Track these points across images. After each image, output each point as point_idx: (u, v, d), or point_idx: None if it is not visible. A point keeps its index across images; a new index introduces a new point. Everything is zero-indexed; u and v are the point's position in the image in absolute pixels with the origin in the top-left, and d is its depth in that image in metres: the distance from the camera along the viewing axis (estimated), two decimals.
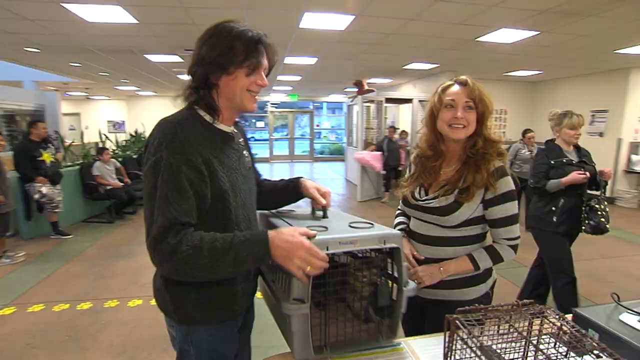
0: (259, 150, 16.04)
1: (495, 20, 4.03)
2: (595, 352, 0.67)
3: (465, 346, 0.69)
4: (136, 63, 6.58)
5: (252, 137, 26.98)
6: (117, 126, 13.35)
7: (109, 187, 5.33)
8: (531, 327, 0.76)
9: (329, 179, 10.27)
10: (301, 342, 0.93)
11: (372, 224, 1.03)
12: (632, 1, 3.31)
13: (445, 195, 1.21)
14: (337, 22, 4.16)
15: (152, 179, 0.85)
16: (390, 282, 1.06)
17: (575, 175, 2.35)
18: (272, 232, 0.87)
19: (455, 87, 1.20)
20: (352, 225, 1.01)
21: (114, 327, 2.67)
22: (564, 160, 2.45)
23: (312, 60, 6.54)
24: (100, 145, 6.45)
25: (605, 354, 0.66)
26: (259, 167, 1.26)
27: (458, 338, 0.71)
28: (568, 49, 5.24)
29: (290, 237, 0.84)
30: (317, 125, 15.89)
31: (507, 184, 1.18)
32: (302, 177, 1.21)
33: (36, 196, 4.32)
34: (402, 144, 7.31)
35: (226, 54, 0.90)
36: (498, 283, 1.37)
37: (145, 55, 5.84)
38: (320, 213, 1.14)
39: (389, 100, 8.11)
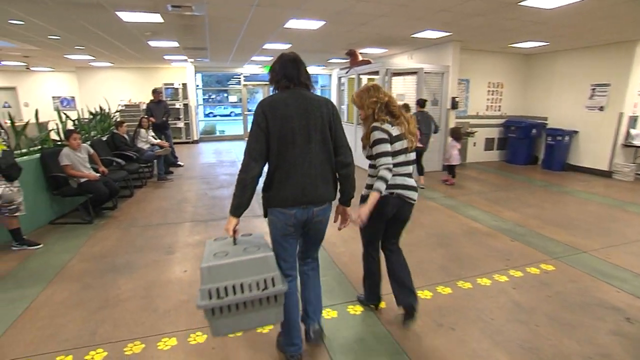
0: (234, 128, 14.83)
1: None
2: None
3: None
4: (102, 23, 5.28)
5: (212, 113, 25.15)
6: (66, 103, 11.47)
7: (83, 180, 4.27)
8: None
9: None
10: None
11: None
12: None
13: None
14: None
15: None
16: None
17: None
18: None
19: None
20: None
21: None
22: None
23: (317, 25, 5.66)
24: (51, 125, 5.19)
25: None
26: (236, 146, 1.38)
27: None
28: (599, 17, 4.88)
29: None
30: None
31: (372, 136, 2.11)
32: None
33: None
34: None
35: None
36: None
37: (116, 12, 4.63)
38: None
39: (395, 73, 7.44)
